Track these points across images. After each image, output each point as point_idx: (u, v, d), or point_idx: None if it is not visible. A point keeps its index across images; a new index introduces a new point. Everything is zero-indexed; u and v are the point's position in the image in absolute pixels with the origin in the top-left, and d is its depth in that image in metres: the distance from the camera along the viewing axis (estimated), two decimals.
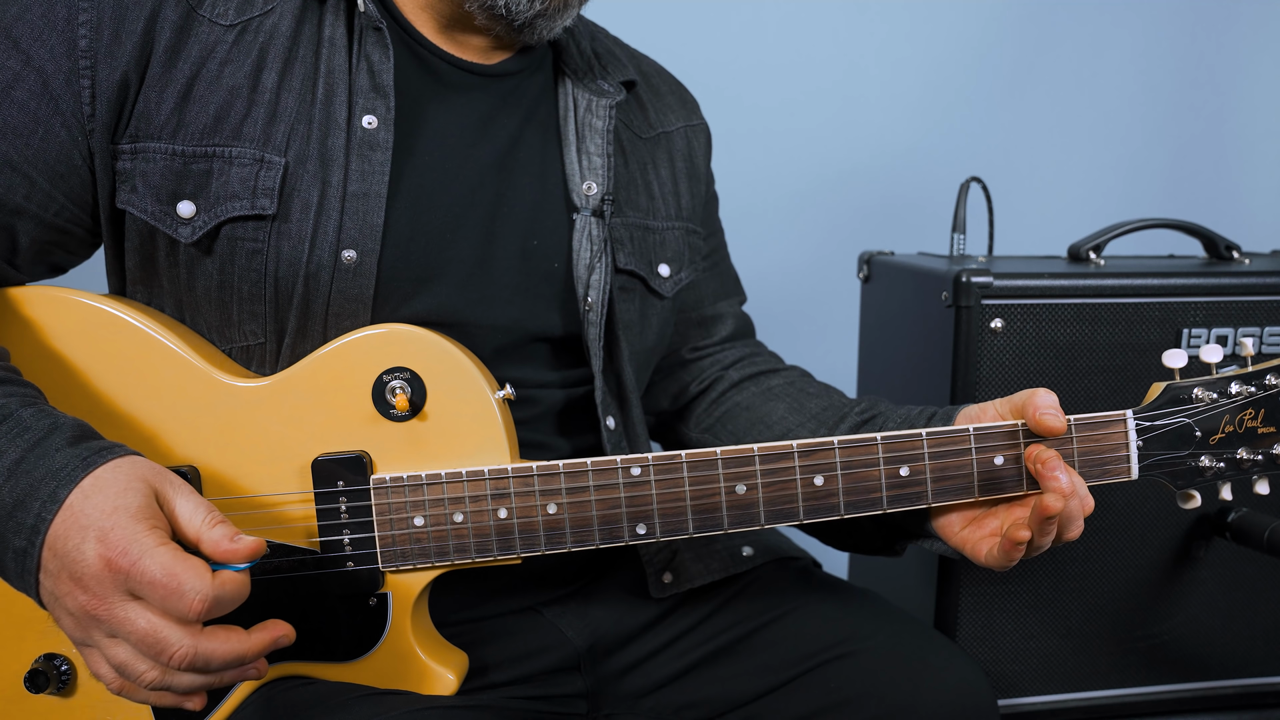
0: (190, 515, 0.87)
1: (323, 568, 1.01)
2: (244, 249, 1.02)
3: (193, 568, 0.82)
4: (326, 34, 1.06)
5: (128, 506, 0.84)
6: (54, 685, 1.00)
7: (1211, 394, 1.04)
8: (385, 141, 1.05)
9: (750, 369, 1.35)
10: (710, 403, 1.34)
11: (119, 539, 0.82)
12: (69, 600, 0.84)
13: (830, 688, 1.12)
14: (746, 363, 1.36)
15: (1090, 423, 1.03)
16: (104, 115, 1.00)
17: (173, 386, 1.00)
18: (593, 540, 1.01)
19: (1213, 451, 1.05)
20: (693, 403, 1.35)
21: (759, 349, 1.41)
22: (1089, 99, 2.46)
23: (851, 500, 1.02)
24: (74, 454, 0.86)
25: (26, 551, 0.84)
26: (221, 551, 0.85)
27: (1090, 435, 1.03)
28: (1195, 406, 1.05)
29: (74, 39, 0.98)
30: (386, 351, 1.00)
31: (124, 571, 0.82)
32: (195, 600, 0.81)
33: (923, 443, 1.01)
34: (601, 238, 1.15)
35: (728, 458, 1.01)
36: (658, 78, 1.35)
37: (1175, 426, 1.04)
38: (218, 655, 0.84)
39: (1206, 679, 1.62)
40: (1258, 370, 1.05)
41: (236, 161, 1.01)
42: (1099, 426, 1.03)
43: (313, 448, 1.00)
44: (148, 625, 0.83)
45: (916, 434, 1.01)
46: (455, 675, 1.03)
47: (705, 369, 1.36)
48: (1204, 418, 1.05)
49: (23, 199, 1.00)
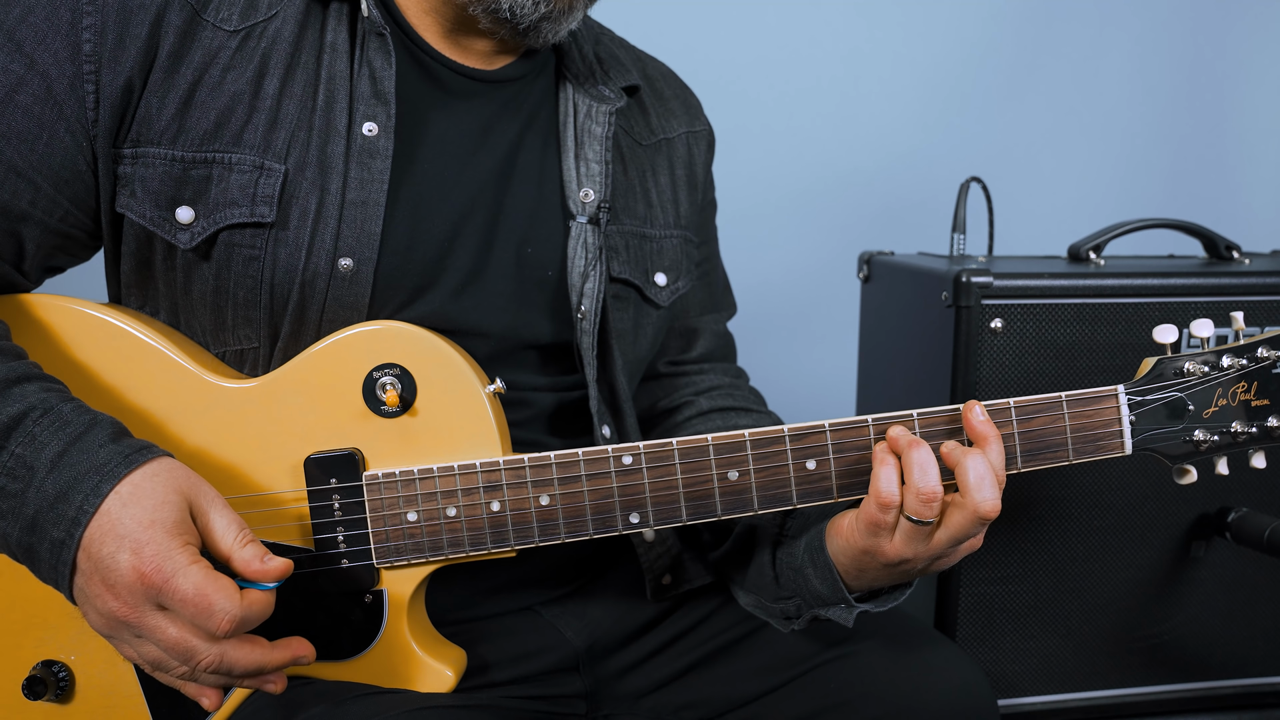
0: (223, 532, 0.90)
1: (317, 566, 1.01)
2: (241, 255, 1.01)
3: (223, 589, 0.86)
4: (329, 39, 1.05)
5: (163, 521, 0.87)
6: (52, 692, 1.00)
7: (1203, 367, 1.04)
8: (385, 149, 1.04)
9: (722, 401, 1.31)
10: (674, 425, 1.30)
11: (153, 554, 0.85)
12: (99, 602, 0.87)
13: (830, 688, 1.11)
14: (722, 393, 1.32)
15: (1082, 398, 1.03)
16: (107, 120, 0.99)
17: (165, 390, 1.00)
18: (586, 530, 1.01)
19: (1206, 425, 1.04)
20: (658, 419, 1.32)
21: (739, 382, 1.37)
22: (1089, 99, 2.46)
23: (844, 483, 1.02)
24: (116, 450, 0.89)
25: (64, 544, 0.87)
26: (252, 571, 0.89)
27: (1082, 411, 1.03)
28: (1187, 380, 1.04)
29: (78, 43, 0.98)
30: (376, 348, 1.00)
31: (156, 587, 0.85)
32: (224, 620, 0.85)
33: (914, 423, 1.01)
34: (596, 245, 1.15)
35: (719, 444, 1.01)
36: (662, 81, 1.33)
37: (1168, 400, 1.04)
38: (240, 664, 0.89)
39: (1206, 679, 1.61)
40: (1249, 343, 1.05)
41: (236, 168, 1.01)
42: (1090, 402, 1.03)
43: (304, 446, 1.00)
44: (177, 635, 0.87)
45: (908, 415, 1.01)
46: (453, 671, 1.03)
47: (678, 388, 1.32)
48: (1196, 391, 1.04)
49: (28, 204, 0.99)
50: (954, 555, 1.01)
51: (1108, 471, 1.53)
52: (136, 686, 1.01)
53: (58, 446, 0.88)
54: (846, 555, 1.03)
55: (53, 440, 0.88)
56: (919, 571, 1.03)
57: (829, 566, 1.05)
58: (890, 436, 0.99)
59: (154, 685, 1.01)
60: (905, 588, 1.08)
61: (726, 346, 1.39)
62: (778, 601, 1.13)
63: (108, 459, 0.88)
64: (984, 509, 0.95)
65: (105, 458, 0.88)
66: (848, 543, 1.02)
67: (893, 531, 0.98)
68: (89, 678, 1.01)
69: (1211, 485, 1.56)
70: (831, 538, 1.05)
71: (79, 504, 0.86)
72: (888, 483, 0.97)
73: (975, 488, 0.95)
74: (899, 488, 0.97)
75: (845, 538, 1.03)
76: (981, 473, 0.95)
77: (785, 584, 1.11)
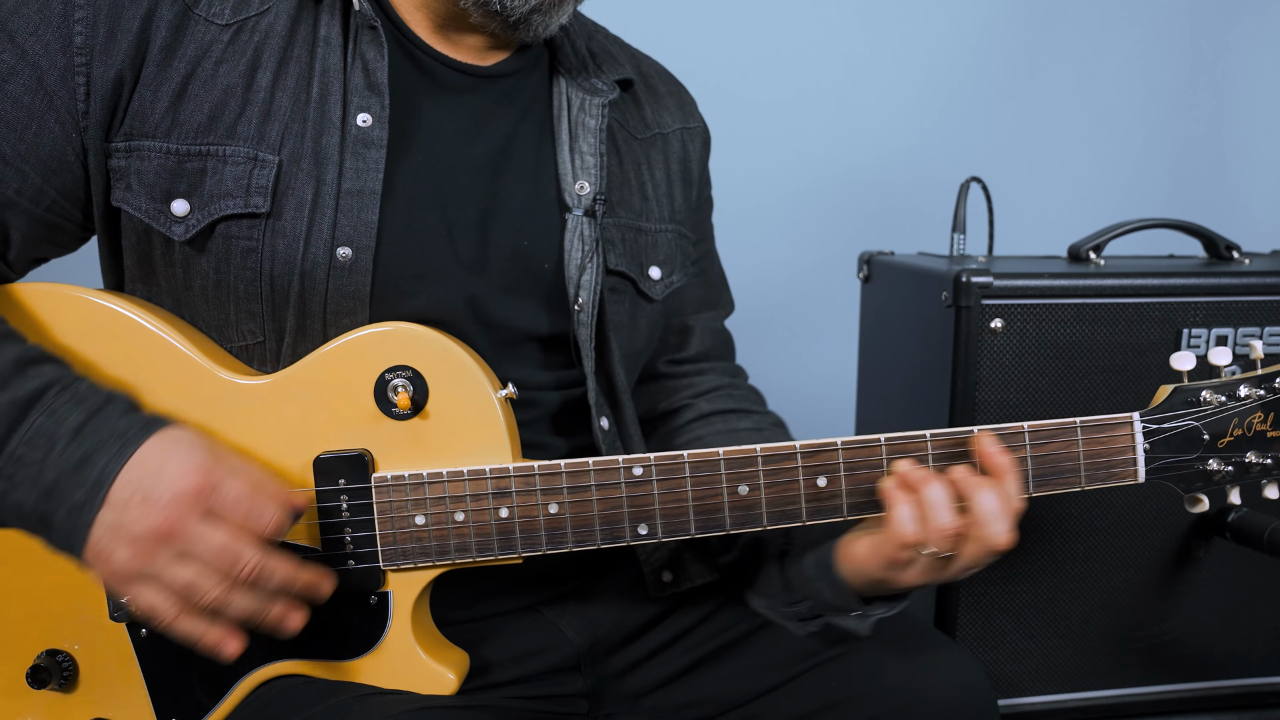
0: None
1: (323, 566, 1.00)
2: (239, 247, 1.02)
3: (271, 481, 0.94)
4: (322, 33, 1.06)
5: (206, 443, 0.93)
6: (56, 680, 1.01)
7: (1220, 397, 1.03)
8: (380, 139, 1.05)
9: (722, 404, 1.31)
10: (673, 429, 1.30)
11: (201, 465, 0.90)
12: (136, 525, 0.89)
13: (830, 687, 1.11)
14: (721, 395, 1.33)
15: (1097, 425, 1.02)
16: (98, 112, 1.00)
17: (174, 383, 1.00)
18: (594, 540, 1.01)
19: (1221, 455, 1.04)
20: (658, 421, 1.32)
21: (738, 382, 1.37)
22: (1089, 99, 2.46)
23: (855, 502, 1.02)
24: (135, 419, 0.92)
25: (84, 506, 0.89)
26: None
27: (1096, 438, 1.02)
28: (1203, 410, 1.03)
29: (69, 35, 0.99)
30: (389, 350, 1.00)
31: (208, 490, 0.90)
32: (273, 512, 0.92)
33: (927, 444, 1.01)
34: (593, 238, 1.15)
35: (730, 458, 1.01)
36: (657, 78, 1.34)
37: (1183, 429, 1.03)
38: (278, 573, 0.93)
39: (1206, 679, 1.62)
40: (1268, 374, 1.04)
41: (230, 160, 1.01)
42: (1105, 429, 1.02)
43: (314, 445, 1.00)
44: (225, 538, 0.90)
45: (921, 435, 1.01)
46: (456, 674, 1.03)
47: (678, 390, 1.32)
48: (1212, 421, 1.03)
49: (14, 193, 1.00)
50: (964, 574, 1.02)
51: None
52: (139, 675, 1.01)
53: (78, 419, 0.90)
54: (859, 580, 1.05)
55: (72, 414, 0.90)
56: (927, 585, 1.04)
57: (840, 585, 1.06)
58: (900, 474, 0.99)
59: (157, 674, 1.01)
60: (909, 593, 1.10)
61: (725, 344, 1.39)
62: (790, 606, 1.13)
63: (127, 426, 0.91)
64: (997, 543, 0.96)
65: (125, 425, 0.91)
66: (861, 570, 1.04)
67: (911, 566, 1.00)
68: (92, 667, 1.02)
69: None
70: (843, 563, 1.06)
71: (102, 466, 0.89)
72: (909, 522, 0.97)
73: (987, 522, 0.96)
74: (918, 526, 0.97)
75: (859, 566, 1.04)
76: (993, 509, 0.96)
77: (797, 589, 1.12)
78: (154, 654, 1.01)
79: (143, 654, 1.01)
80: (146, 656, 1.01)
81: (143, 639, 1.01)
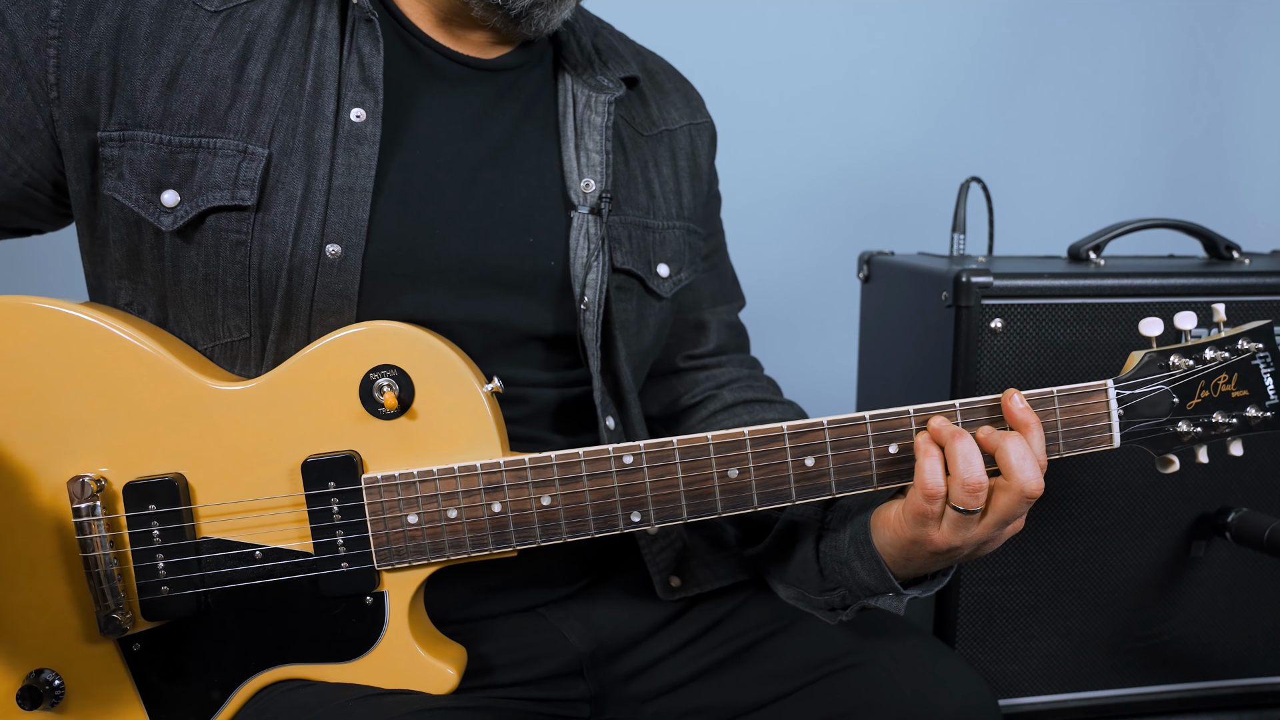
0: None
1: (318, 569, 1.00)
2: (228, 240, 1.01)
3: None
4: (318, 26, 1.06)
5: None
6: (47, 701, 1.00)
7: (1188, 360, 1.06)
8: (373, 135, 1.04)
9: (745, 394, 1.32)
10: (701, 420, 1.31)
11: None
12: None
13: (836, 698, 1.11)
14: (743, 385, 1.33)
15: (1072, 394, 1.04)
16: (72, 89, 1.01)
17: (155, 393, 0.99)
18: (588, 530, 1.01)
19: (1189, 416, 1.07)
20: (682, 415, 1.33)
21: (757, 373, 1.38)
22: (1089, 99, 2.46)
23: (842, 480, 1.03)
24: None
25: None
26: None
27: (1072, 406, 1.04)
28: (1172, 374, 1.06)
29: (47, 8, 1.01)
30: (372, 349, 1.00)
31: None
32: None
33: (910, 419, 1.02)
34: (599, 236, 1.14)
35: (719, 442, 1.01)
36: (662, 74, 1.33)
37: (1154, 394, 1.06)
38: None
39: (1206, 679, 1.61)
40: (1230, 335, 1.07)
41: (220, 152, 1.01)
42: (1081, 397, 1.04)
43: (302, 449, 1.00)
44: None
45: (904, 411, 1.02)
46: (455, 670, 1.03)
47: (699, 383, 1.33)
48: (1181, 384, 1.06)
49: None
50: (999, 538, 1.03)
51: (1108, 471, 1.53)
52: (133, 690, 1.01)
53: None
54: (894, 546, 1.05)
55: None
56: (965, 557, 1.05)
57: (876, 559, 1.07)
58: (932, 428, 1.01)
59: (152, 688, 1.01)
60: (948, 572, 1.11)
61: (740, 337, 1.40)
62: (822, 594, 1.14)
63: None
64: (1029, 488, 0.97)
65: None
66: (895, 534, 1.04)
67: (940, 521, 1.00)
68: (82, 684, 1.01)
69: (1211, 485, 1.56)
70: (878, 529, 1.06)
71: None
72: (932, 474, 0.99)
73: (1018, 468, 0.97)
74: (944, 478, 0.99)
75: (893, 529, 1.04)
76: (1023, 453, 0.98)
77: (830, 576, 1.13)
78: (148, 668, 1.01)
79: (136, 669, 1.01)
80: (140, 671, 1.01)
81: (135, 653, 1.01)
